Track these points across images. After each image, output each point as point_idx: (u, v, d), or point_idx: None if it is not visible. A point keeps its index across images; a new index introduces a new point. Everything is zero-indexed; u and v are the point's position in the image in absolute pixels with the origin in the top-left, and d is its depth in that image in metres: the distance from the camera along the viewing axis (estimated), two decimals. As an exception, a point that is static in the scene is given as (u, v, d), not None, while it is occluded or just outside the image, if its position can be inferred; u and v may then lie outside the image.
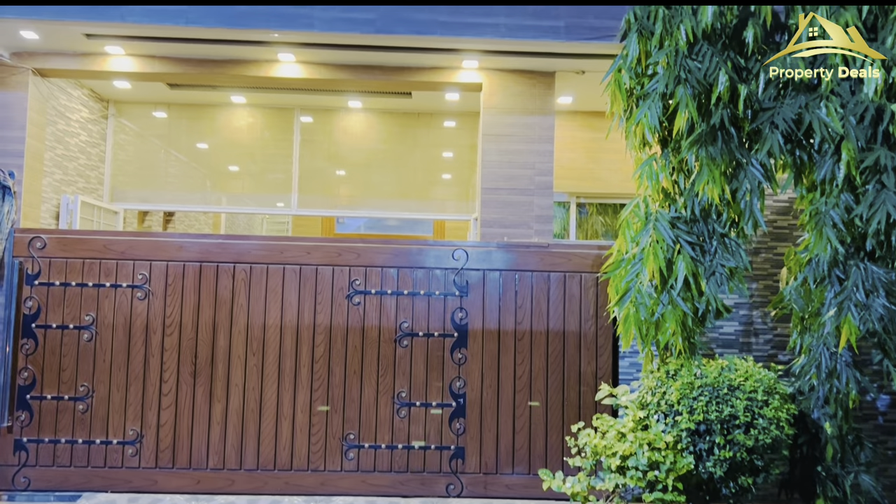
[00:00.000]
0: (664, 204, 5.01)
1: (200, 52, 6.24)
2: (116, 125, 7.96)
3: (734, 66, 4.89)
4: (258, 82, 6.80)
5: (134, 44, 6.06)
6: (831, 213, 4.59)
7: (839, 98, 4.67)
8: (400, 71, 6.55)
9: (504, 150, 6.46)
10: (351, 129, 8.14)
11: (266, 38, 5.80)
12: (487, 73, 6.50)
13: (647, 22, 5.08)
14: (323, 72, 6.49)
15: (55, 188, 6.75)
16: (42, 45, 6.06)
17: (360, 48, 6.05)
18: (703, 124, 4.72)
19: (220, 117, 8.12)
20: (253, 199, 8.19)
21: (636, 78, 5.09)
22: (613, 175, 8.03)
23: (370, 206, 8.15)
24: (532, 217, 6.48)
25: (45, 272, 5.53)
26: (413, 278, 5.66)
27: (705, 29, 4.87)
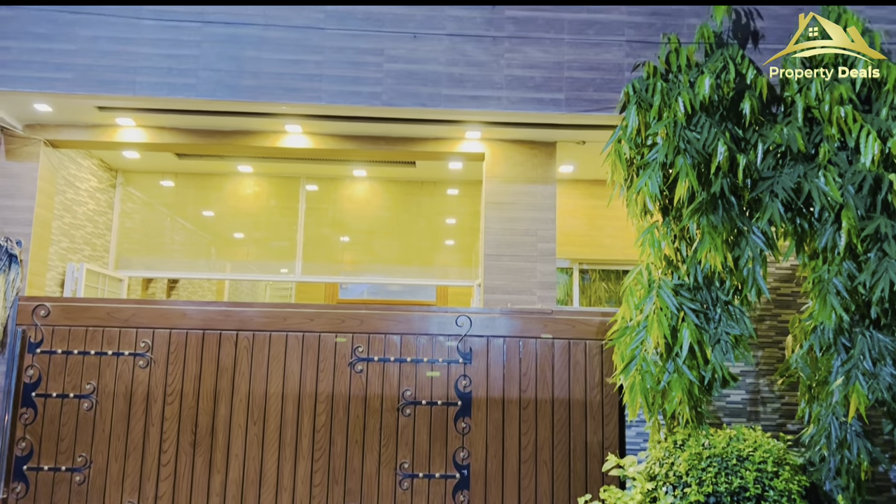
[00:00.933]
0: (667, 271, 5.03)
1: (209, 123, 6.39)
2: (124, 194, 8.08)
3: (732, 137, 4.99)
4: (265, 152, 6.94)
5: (144, 115, 6.21)
6: (834, 281, 4.60)
7: (837, 167, 4.75)
8: (404, 141, 6.68)
9: (507, 218, 6.52)
10: (355, 197, 8.25)
11: (274, 110, 5.94)
12: (490, 144, 6.62)
13: (645, 94, 5.21)
14: (329, 142, 6.62)
15: (61, 256, 6.80)
16: (55, 117, 6.21)
17: (365, 120, 6.19)
18: (704, 193, 4.78)
19: (226, 186, 8.24)
20: (257, 266, 8.23)
21: (636, 148, 5.19)
22: (616, 241, 8.08)
23: (373, 272, 8.18)
24: (535, 283, 6.49)
25: (48, 340, 5.52)
26: (416, 345, 5.64)
27: (703, 101, 4.99)
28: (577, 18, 5.83)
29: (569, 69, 5.81)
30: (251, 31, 5.73)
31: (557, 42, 5.81)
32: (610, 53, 5.77)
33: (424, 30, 5.83)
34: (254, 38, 5.73)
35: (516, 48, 5.84)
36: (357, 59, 5.78)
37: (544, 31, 5.83)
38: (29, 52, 5.62)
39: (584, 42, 5.80)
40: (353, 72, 5.78)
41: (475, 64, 5.82)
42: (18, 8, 5.66)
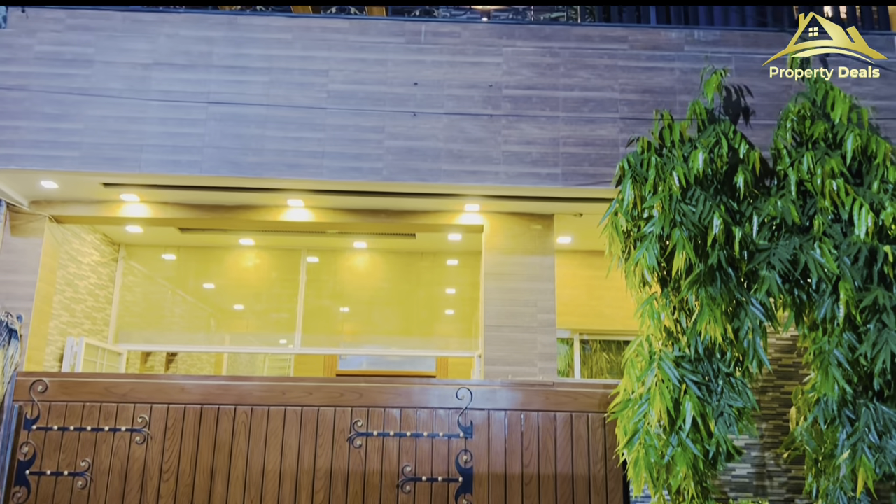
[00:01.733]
0: (667, 343, 5.02)
1: (213, 198, 6.49)
2: (126, 267, 8.13)
3: (727, 210, 5.07)
4: (267, 226, 7.02)
5: (148, 191, 6.31)
6: (835, 353, 4.59)
7: (832, 239, 4.81)
8: (405, 214, 6.76)
9: (506, 289, 6.55)
10: (356, 269, 8.30)
11: (276, 185, 6.04)
12: (489, 216, 6.71)
13: (640, 168, 5.32)
14: (330, 216, 6.71)
15: (61, 330, 6.80)
16: (60, 193, 6.31)
17: (366, 194, 6.29)
18: (701, 265, 4.82)
19: (227, 259, 8.30)
20: (257, 338, 8.20)
21: (632, 220, 5.26)
22: (616, 312, 8.08)
23: (373, 342, 8.15)
24: (536, 355, 6.46)
25: (45, 417, 5.46)
26: (416, 419, 5.57)
27: (697, 175, 5.10)
28: (572, 96, 6.01)
29: (565, 145, 5.95)
30: (255, 111, 5.89)
31: (553, 119, 5.96)
32: (604, 129, 5.92)
33: (424, 108, 5.99)
34: (258, 117, 5.89)
35: (513, 125, 5.99)
36: (358, 136, 5.92)
37: (540, 109, 6.00)
38: (38, 131, 5.76)
39: (578, 119, 5.96)
40: (355, 148, 5.91)
41: (473, 140, 5.96)
42: (29, 90, 5.84)
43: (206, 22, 6.10)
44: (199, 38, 6.07)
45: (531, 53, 6.12)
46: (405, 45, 6.15)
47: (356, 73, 6.06)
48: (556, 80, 6.07)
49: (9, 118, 5.81)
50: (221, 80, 5.97)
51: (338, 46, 6.12)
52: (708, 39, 6.09)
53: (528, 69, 6.09)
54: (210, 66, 6.00)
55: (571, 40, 6.13)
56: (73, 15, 6.05)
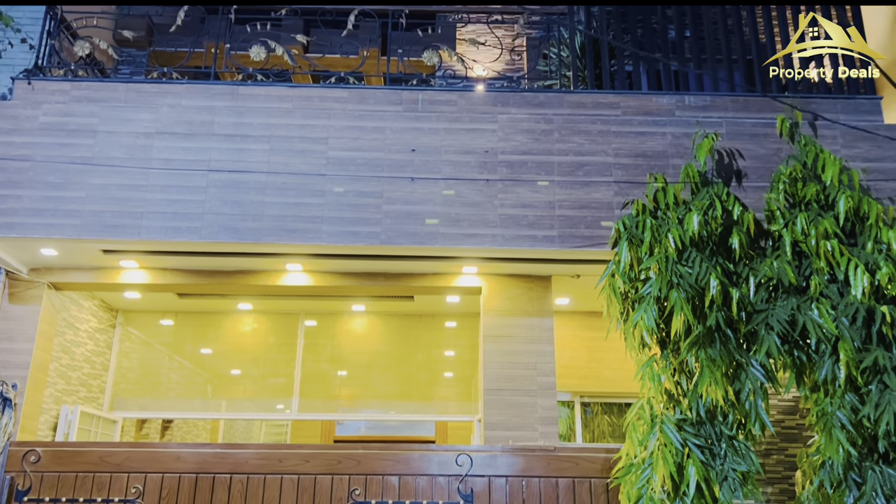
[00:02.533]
0: (669, 405, 4.98)
1: (211, 263, 6.51)
2: (123, 333, 8.10)
3: (724, 271, 5.10)
4: (266, 291, 7.03)
5: (148, 257, 6.35)
6: (838, 415, 4.55)
7: (829, 300, 4.83)
8: (403, 277, 6.79)
9: (505, 352, 6.52)
10: (354, 332, 8.27)
11: (275, 250, 6.08)
12: (487, 278, 6.73)
13: (636, 231, 5.37)
14: (329, 280, 6.73)
15: (56, 398, 6.72)
16: (59, 260, 6.34)
17: (365, 258, 6.32)
18: (700, 326, 4.82)
19: (225, 324, 8.28)
20: (254, 404, 8.11)
21: (630, 282, 5.28)
22: (616, 374, 8.02)
23: (371, 407, 8.05)
24: (536, 419, 6.39)
25: (36, 488, 5.35)
26: (416, 486, 5.47)
27: (692, 237, 5.14)
28: (566, 161, 6.11)
29: (560, 208, 6.02)
30: (255, 177, 5.98)
31: (548, 183, 6.05)
32: (599, 193, 6.01)
33: (421, 174, 6.09)
34: (258, 183, 5.97)
35: (509, 189, 6.07)
36: (357, 201, 6.00)
37: (535, 173, 6.09)
38: (40, 199, 5.83)
39: (573, 182, 6.05)
40: (353, 213, 5.97)
41: (470, 204, 6.03)
42: (32, 160, 5.93)
43: (207, 92, 6.25)
44: (200, 108, 6.20)
45: (525, 120, 6.25)
46: (403, 112, 6.29)
47: (355, 140, 6.17)
48: (551, 146, 6.19)
49: (11, 187, 5.88)
50: (222, 148, 6.08)
51: (337, 115, 6.25)
52: (698, 105, 6.24)
53: (522, 135, 6.22)
54: (211, 134, 6.12)
55: (565, 107, 6.28)
56: (77, 87, 6.20)
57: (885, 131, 6.06)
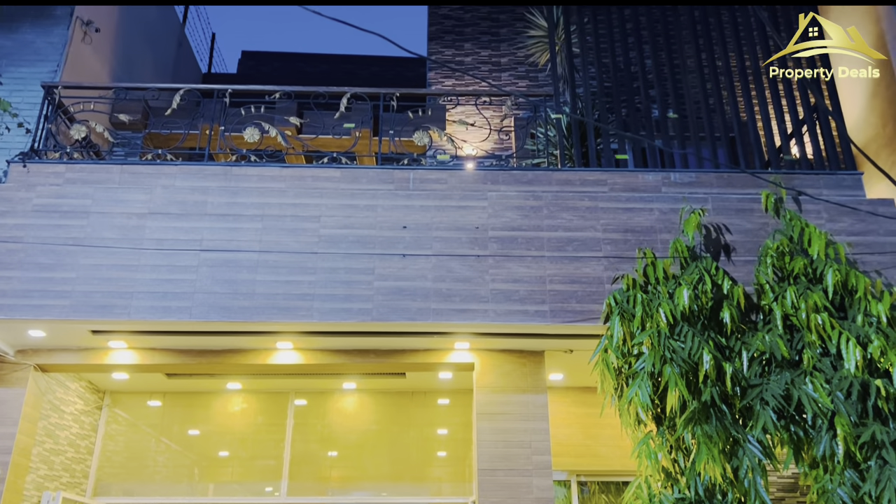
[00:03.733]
0: (666, 484, 4.88)
1: (201, 343, 6.46)
2: (109, 415, 7.93)
3: (716, 345, 5.10)
4: (255, 370, 6.94)
5: (137, 337, 6.29)
6: (839, 492, 4.47)
7: (823, 374, 4.81)
8: (394, 354, 6.73)
9: (499, 430, 6.41)
10: (345, 411, 8.13)
11: (266, 328, 6.05)
12: (479, 354, 6.68)
13: (627, 305, 5.39)
14: (319, 357, 6.66)
15: (38, 484, 6.52)
16: (47, 341, 6.27)
17: (356, 335, 6.28)
18: (695, 402, 4.78)
19: (214, 404, 8.13)
20: (242, 487, 7.88)
21: (623, 357, 5.26)
22: (613, 451, 7.87)
23: (363, 489, 7.83)
24: (532, 499, 6.23)
25: (13, 582, 5.13)
26: (409, 575, 5.28)
27: (683, 311, 5.16)
28: (556, 236, 6.18)
29: (551, 282, 6.04)
30: (247, 256, 6.00)
31: (539, 258, 6.10)
32: (589, 267, 6.05)
33: (412, 250, 6.13)
34: (249, 262, 5.98)
35: (500, 264, 6.11)
36: (349, 278, 6.01)
37: (525, 249, 6.15)
38: (30, 280, 5.82)
39: (563, 258, 6.09)
40: (345, 290, 5.98)
41: (461, 280, 6.05)
42: (24, 241, 5.94)
43: (201, 173, 6.34)
44: (194, 188, 6.27)
45: (515, 197, 6.35)
46: (394, 191, 6.38)
47: (347, 218, 6.24)
48: (541, 222, 6.26)
49: (1, 269, 5.87)
50: (215, 228, 6.12)
51: (329, 194, 6.33)
52: (684, 181, 6.36)
53: (512, 212, 6.30)
54: (204, 214, 6.17)
55: (553, 184, 6.39)
56: (72, 169, 6.28)
57: (867, 206, 6.18)
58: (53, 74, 7.38)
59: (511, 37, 9.91)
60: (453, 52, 9.87)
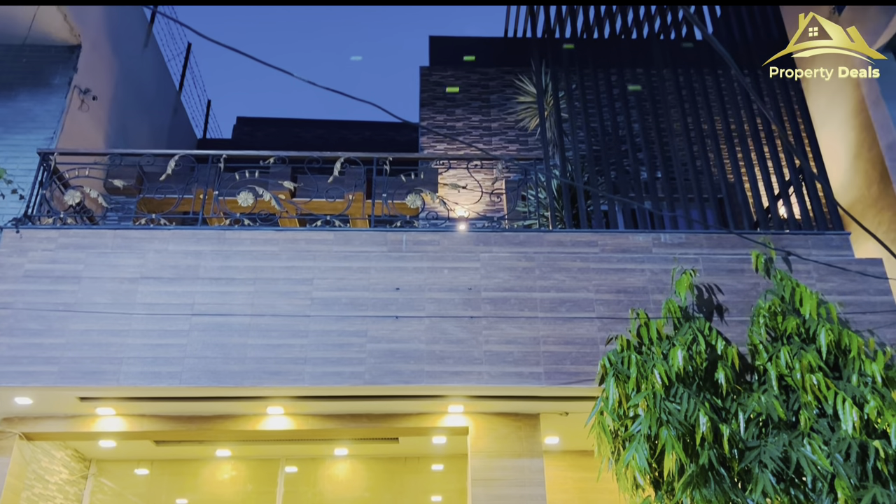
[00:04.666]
0: (668, 552, 4.76)
1: (190, 409, 6.35)
2: (95, 485, 7.72)
3: (712, 407, 5.05)
4: (246, 436, 6.81)
5: (125, 404, 6.19)
6: (844, 558, 4.37)
7: (821, 435, 4.76)
8: (387, 418, 6.63)
9: (495, 496, 6.27)
10: (336, 478, 7.95)
11: (257, 393, 5.96)
12: (473, 417, 6.59)
13: (621, 367, 5.36)
14: (311, 423, 6.56)
15: (18, 559, 6.30)
16: (34, 409, 6.16)
17: (348, 398, 6.20)
18: (693, 465, 4.71)
19: (203, 472, 7.94)
20: (229, 560, 7.63)
21: (619, 420, 5.20)
22: (610, 517, 7.70)
23: (355, 560, 7.60)
24: (529, 569, 6.05)
25: None
26: None
27: (678, 372, 5.13)
28: (548, 297, 6.18)
29: (545, 343, 6.01)
30: (239, 320, 5.96)
31: (532, 319, 6.08)
32: (583, 328, 6.03)
33: (405, 312, 6.11)
34: (241, 326, 5.95)
35: (493, 326, 6.09)
36: (341, 340, 5.97)
37: (519, 310, 6.14)
38: (18, 347, 5.75)
39: (557, 318, 6.08)
40: (337, 353, 5.93)
41: (455, 341, 6.01)
42: (14, 307, 5.90)
43: (194, 237, 6.36)
44: (187, 252, 6.28)
45: (507, 258, 6.38)
46: (387, 253, 6.40)
47: (340, 281, 6.23)
48: (533, 283, 6.28)
49: (-10, 335, 5.81)
50: (207, 292, 6.10)
51: (322, 256, 6.35)
52: (674, 242, 6.42)
53: (505, 273, 6.32)
54: (196, 278, 6.16)
55: (544, 245, 6.43)
56: (65, 234, 6.29)
57: (856, 266, 6.24)
58: (49, 141, 7.46)
59: (501, 102, 10.14)
60: (445, 117, 10.08)
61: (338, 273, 6.27)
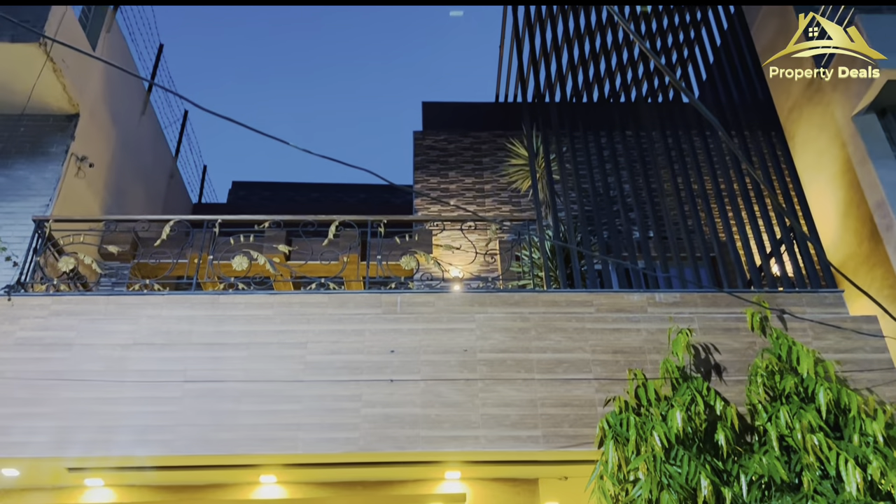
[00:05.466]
0: None
1: (181, 478, 6.22)
2: (81, 559, 7.47)
3: (713, 469, 4.97)
4: (237, 506, 6.64)
5: (115, 474, 6.06)
6: None
7: (825, 497, 4.67)
8: (383, 485, 6.50)
9: (494, 566, 6.10)
10: (331, 548, 7.71)
11: (249, 461, 5.84)
12: (471, 483, 6.47)
13: (620, 428, 5.29)
14: (304, 490, 6.42)
15: None
16: (20, 481, 6.02)
17: (342, 465, 6.08)
18: (697, 532, 4.60)
19: (193, 543, 7.70)
20: None
21: (619, 484, 5.10)
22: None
23: None
24: None
25: None
26: None
27: (678, 434, 5.06)
28: (545, 358, 6.14)
29: (542, 406, 5.94)
30: (232, 386, 5.89)
31: (529, 381, 6.03)
32: (580, 390, 5.97)
33: (401, 375, 6.05)
34: (234, 392, 5.87)
35: (490, 388, 6.02)
36: (335, 405, 5.88)
37: (515, 371, 6.08)
38: (6, 416, 5.64)
39: (554, 380, 6.03)
40: (331, 418, 5.83)
41: (451, 405, 5.94)
42: (4, 376, 5.82)
43: (188, 302, 6.33)
44: (180, 318, 6.24)
45: (503, 319, 6.36)
46: (382, 315, 6.38)
47: (334, 344, 6.19)
48: (529, 343, 6.24)
49: (-22, 405, 5.72)
50: (200, 357, 6.04)
51: (317, 319, 6.31)
52: (669, 301, 6.42)
53: (500, 334, 6.28)
54: (189, 343, 6.11)
55: (540, 306, 6.42)
56: (58, 301, 6.26)
57: (851, 323, 6.23)
58: (45, 208, 7.49)
59: (493, 165, 10.28)
60: (438, 179, 10.20)
61: (332, 336, 6.23)
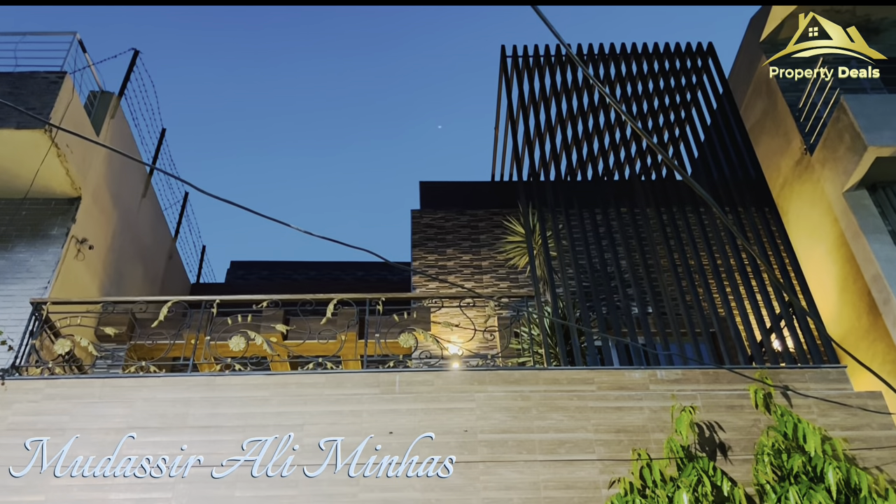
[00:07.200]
0: None
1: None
2: None
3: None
4: None
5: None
6: None
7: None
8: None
9: None
10: None
11: (243, 550, 5.64)
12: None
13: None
14: (300, 582, 6.16)
15: None
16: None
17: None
18: None
19: None
20: None
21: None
22: None
23: None
24: None
25: None
26: None
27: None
28: (547, 438, 6.02)
29: (545, 489, 5.79)
30: (226, 469, 5.74)
31: (531, 462, 5.89)
32: (584, 471, 5.83)
33: (399, 457, 5.91)
34: (228, 477, 5.72)
35: (491, 470, 5.88)
36: (331, 490, 5.73)
37: (517, 452, 5.96)
38: (-6, 505, 5.48)
39: (556, 461, 5.89)
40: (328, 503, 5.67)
41: (451, 488, 5.78)
42: (-6, 462, 5.70)
43: (184, 384, 6.25)
44: (175, 400, 6.15)
45: (503, 398, 6.27)
46: (380, 395, 6.29)
47: (331, 426, 6.07)
48: (530, 423, 6.13)
49: (-35, 493, 5.56)
50: (194, 441, 5.92)
51: (314, 400, 6.22)
52: (671, 378, 6.35)
53: (501, 413, 6.18)
54: (184, 426, 6.00)
55: (540, 384, 6.34)
56: (52, 385, 6.18)
57: (856, 400, 6.15)
58: (43, 290, 7.48)
59: (490, 242, 10.35)
60: (436, 256, 10.24)
61: (329, 417, 6.12)
